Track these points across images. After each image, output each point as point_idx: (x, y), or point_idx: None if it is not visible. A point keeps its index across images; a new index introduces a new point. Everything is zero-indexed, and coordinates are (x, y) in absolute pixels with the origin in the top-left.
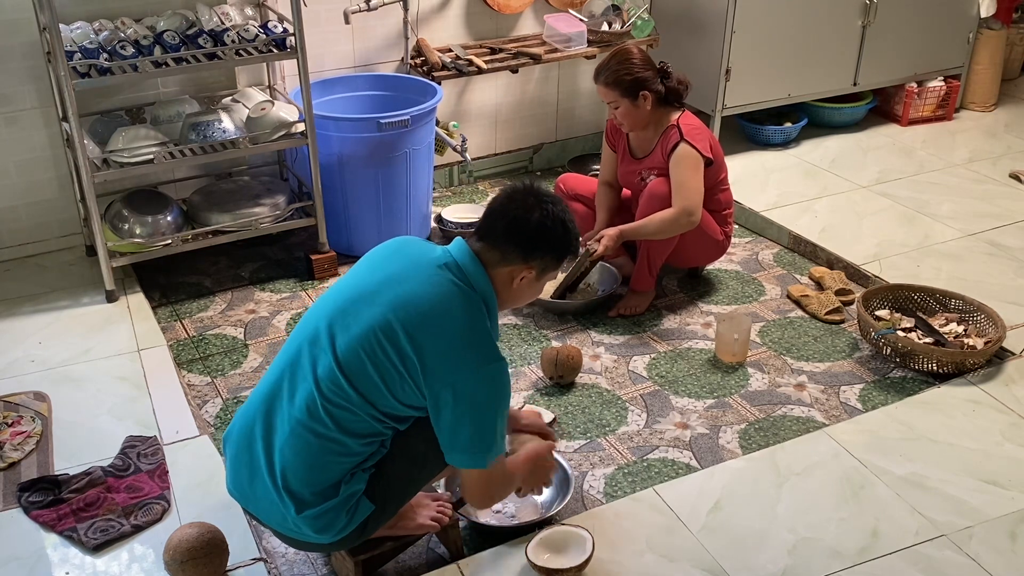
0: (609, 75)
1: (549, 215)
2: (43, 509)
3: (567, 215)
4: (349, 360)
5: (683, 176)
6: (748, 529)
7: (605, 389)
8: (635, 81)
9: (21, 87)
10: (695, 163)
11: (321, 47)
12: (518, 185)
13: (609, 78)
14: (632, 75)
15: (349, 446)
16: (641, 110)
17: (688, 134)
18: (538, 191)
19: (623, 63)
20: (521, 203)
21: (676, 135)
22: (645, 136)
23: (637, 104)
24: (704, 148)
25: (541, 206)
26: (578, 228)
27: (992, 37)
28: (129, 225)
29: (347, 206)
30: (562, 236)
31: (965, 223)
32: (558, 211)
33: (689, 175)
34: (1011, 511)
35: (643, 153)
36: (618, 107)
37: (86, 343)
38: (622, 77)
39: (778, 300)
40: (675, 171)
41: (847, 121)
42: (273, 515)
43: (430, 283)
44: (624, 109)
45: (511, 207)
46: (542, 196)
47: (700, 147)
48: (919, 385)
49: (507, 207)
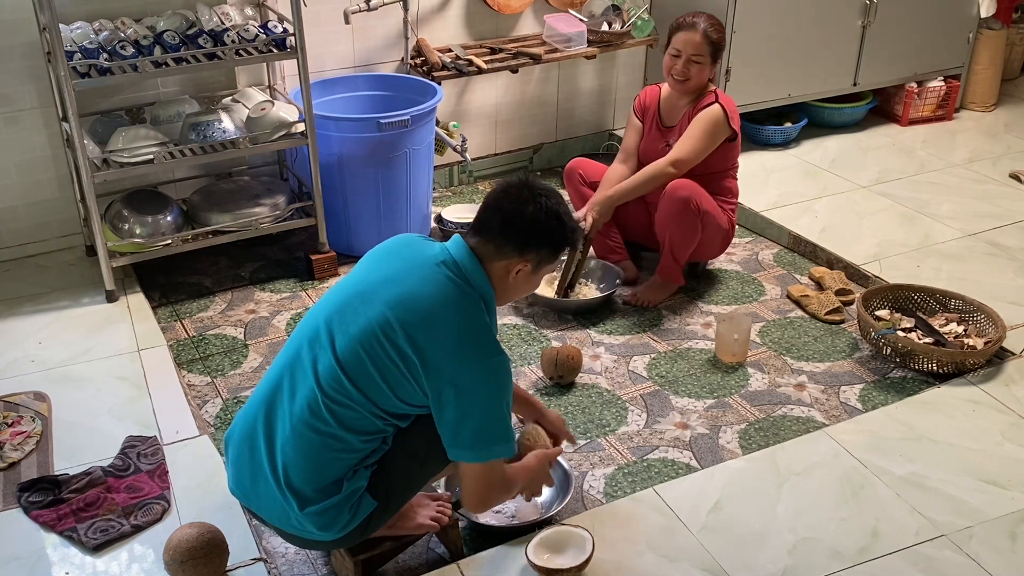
0: (713, 32)
1: (543, 208)
2: (43, 509)
3: (562, 207)
4: (349, 358)
5: (694, 130)
6: (748, 529)
7: (605, 389)
8: (723, 47)
9: (21, 87)
10: (715, 127)
11: (321, 47)
12: (512, 180)
13: (713, 34)
14: (724, 42)
15: (351, 443)
16: (708, 74)
17: (723, 102)
18: (532, 184)
19: (722, 28)
20: (515, 197)
21: (712, 98)
22: (679, 104)
23: (713, 67)
24: (734, 119)
25: (535, 199)
26: (574, 220)
27: (992, 37)
28: (129, 225)
29: (347, 206)
30: (557, 228)
31: (965, 223)
32: (552, 204)
33: (700, 132)
34: (1011, 511)
35: (672, 122)
36: (699, 62)
37: (86, 343)
38: (721, 40)
39: (778, 300)
40: (692, 124)
41: (847, 121)
42: (276, 513)
43: (428, 281)
44: (702, 67)
45: (505, 201)
46: (536, 189)
47: (730, 116)
48: (919, 385)
49: (501, 201)
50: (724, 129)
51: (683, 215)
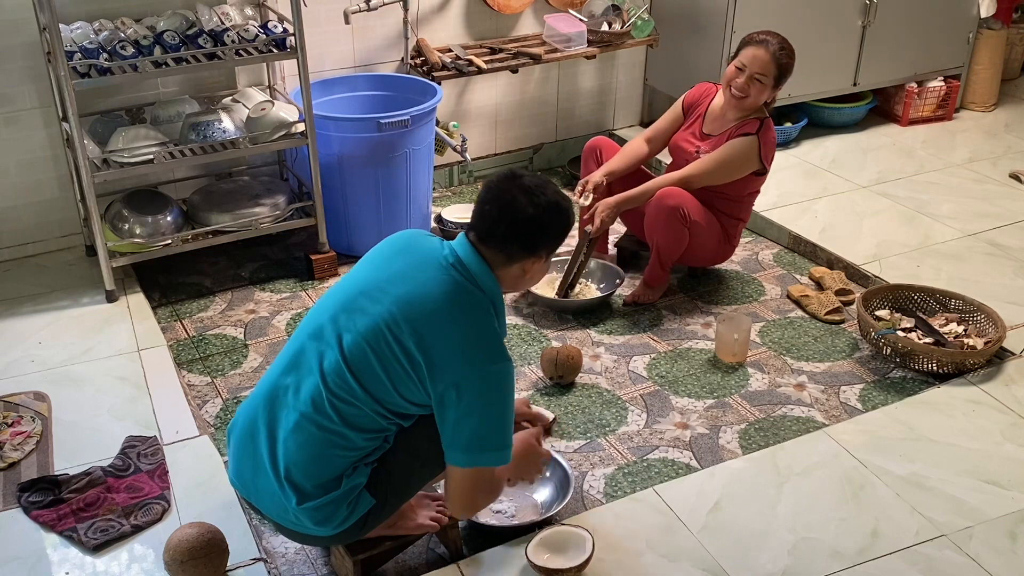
0: (784, 56)
1: (542, 206)
2: (43, 509)
3: (558, 196)
4: (355, 356)
5: (722, 155)
6: (748, 529)
7: (605, 389)
8: (788, 74)
9: (21, 87)
10: (744, 158)
11: (321, 47)
12: (502, 180)
13: (782, 57)
14: (791, 70)
15: (353, 440)
16: (769, 96)
17: (763, 135)
18: (523, 184)
19: (793, 55)
20: (511, 201)
21: (755, 127)
22: (726, 118)
23: (774, 90)
24: (767, 155)
25: (532, 200)
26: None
27: (992, 37)
28: (129, 225)
29: (347, 206)
30: (559, 219)
31: (965, 223)
32: (549, 198)
33: (725, 158)
34: (1011, 511)
35: (713, 131)
36: (762, 81)
37: (86, 343)
38: (789, 64)
39: (778, 300)
40: (724, 147)
41: (847, 121)
42: (274, 507)
43: (437, 282)
44: (763, 87)
45: (505, 209)
46: (529, 188)
47: (764, 152)
48: (919, 385)
49: (501, 210)
50: (753, 163)
51: (669, 222)
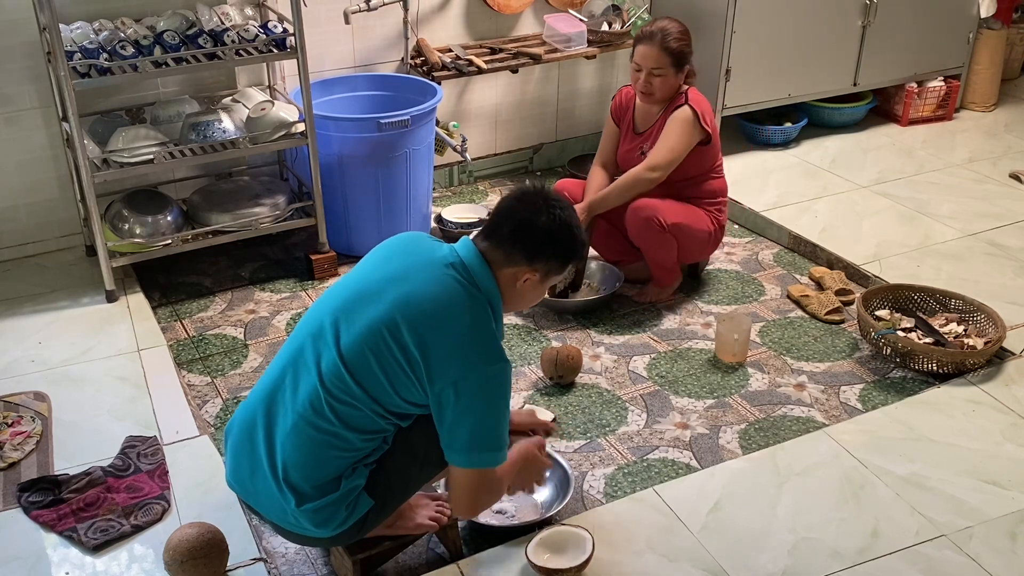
0: (671, 41)
1: (556, 219)
2: (43, 509)
3: (575, 220)
4: (353, 356)
5: (667, 133)
6: (748, 529)
7: (605, 389)
8: (686, 54)
9: (21, 87)
10: (687, 127)
11: (321, 47)
12: (528, 187)
13: (670, 44)
14: (688, 48)
15: (351, 441)
16: (676, 82)
17: (693, 100)
18: (548, 194)
19: (684, 35)
20: (529, 205)
21: (682, 100)
22: (652, 111)
23: (678, 76)
24: (705, 118)
25: (549, 210)
26: (584, 234)
27: (992, 37)
28: (129, 225)
29: (347, 206)
30: (567, 241)
31: (965, 223)
32: (566, 216)
33: (674, 135)
34: (1011, 511)
35: (646, 127)
36: (661, 75)
37: (86, 343)
38: (682, 48)
39: (778, 300)
40: (665, 129)
41: (847, 121)
42: (272, 508)
43: (436, 282)
44: (666, 78)
45: (519, 209)
46: (551, 199)
47: (703, 118)
48: (919, 385)
49: (515, 209)
50: (696, 130)
51: (649, 233)
